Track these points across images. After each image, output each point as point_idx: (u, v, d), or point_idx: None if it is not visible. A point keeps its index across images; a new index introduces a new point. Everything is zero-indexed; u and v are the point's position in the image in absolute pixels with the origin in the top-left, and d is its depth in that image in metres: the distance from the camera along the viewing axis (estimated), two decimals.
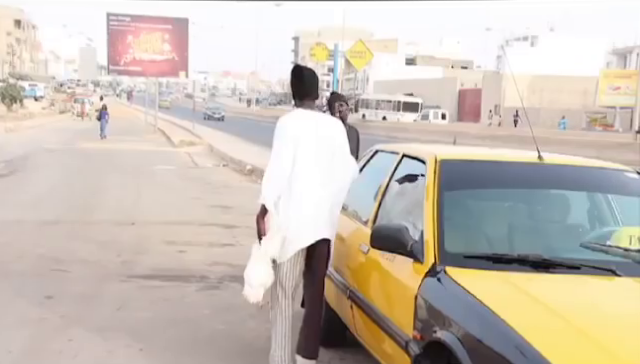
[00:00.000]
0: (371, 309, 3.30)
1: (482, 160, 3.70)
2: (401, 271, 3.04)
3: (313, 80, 3.79)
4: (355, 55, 12.86)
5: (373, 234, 3.09)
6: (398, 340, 2.91)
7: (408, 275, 2.94)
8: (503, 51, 63.51)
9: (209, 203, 10.42)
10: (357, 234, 3.68)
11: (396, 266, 3.10)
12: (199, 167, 16.43)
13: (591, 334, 2.24)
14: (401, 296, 2.96)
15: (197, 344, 4.32)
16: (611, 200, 3.52)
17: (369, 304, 3.35)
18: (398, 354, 2.90)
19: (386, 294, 3.24)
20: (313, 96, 3.77)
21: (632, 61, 56.23)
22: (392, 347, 2.99)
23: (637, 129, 26.86)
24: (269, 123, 46.38)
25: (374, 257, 3.33)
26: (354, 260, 3.61)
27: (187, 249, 7.11)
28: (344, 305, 3.76)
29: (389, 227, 3.10)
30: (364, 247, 3.44)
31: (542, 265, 2.81)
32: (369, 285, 3.46)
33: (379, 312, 3.20)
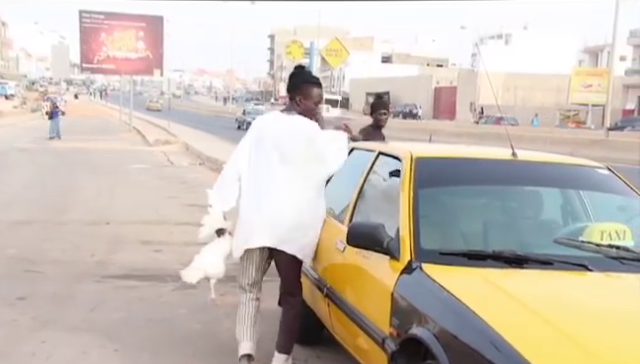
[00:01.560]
0: (348, 307, 3.30)
1: (457, 157, 3.74)
2: (377, 268, 3.04)
3: (296, 80, 3.78)
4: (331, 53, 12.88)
5: (350, 232, 3.09)
6: (375, 337, 2.92)
7: (384, 272, 2.95)
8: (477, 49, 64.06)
9: (185, 202, 10.35)
10: (334, 232, 3.68)
11: (372, 264, 3.11)
12: (175, 166, 16.32)
13: (564, 328, 2.26)
14: (378, 293, 2.96)
15: (173, 344, 4.29)
16: (583, 196, 3.57)
17: (346, 302, 3.35)
18: (375, 351, 2.90)
19: (363, 291, 3.24)
20: (290, 96, 3.77)
21: (603, 59, 57.07)
22: (369, 344, 2.99)
23: (608, 126, 27.26)
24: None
25: (350, 255, 3.33)
26: (331, 258, 3.62)
27: (163, 248, 7.05)
28: (321, 303, 3.76)
29: (366, 225, 3.10)
30: (340, 245, 3.44)
31: (516, 261, 2.83)
32: (346, 283, 3.46)
33: (356, 309, 3.20)
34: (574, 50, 66.83)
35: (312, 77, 3.83)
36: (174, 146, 22.05)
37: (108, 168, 14.89)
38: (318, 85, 3.78)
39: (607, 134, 25.36)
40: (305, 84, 3.73)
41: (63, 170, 14.40)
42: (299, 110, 3.71)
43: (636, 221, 3.30)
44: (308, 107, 3.71)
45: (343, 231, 3.38)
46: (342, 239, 3.34)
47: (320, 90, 3.77)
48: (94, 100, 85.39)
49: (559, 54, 63.07)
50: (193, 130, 30.58)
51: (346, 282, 3.46)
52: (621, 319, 2.44)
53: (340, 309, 3.41)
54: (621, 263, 2.88)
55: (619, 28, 28.88)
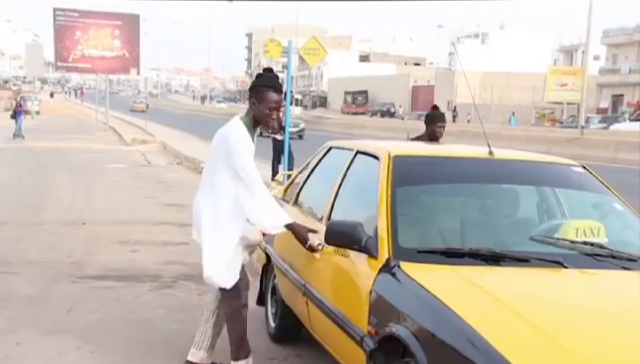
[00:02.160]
0: (326, 305, 3.30)
1: (434, 156, 3.76)
2: (356, 267, 3.04)
3: (255, 82, 3.72)
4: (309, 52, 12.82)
5: (328, 230, 3.09)
6: (353, 335, 2.92)
7: (363, 271, 2.96)
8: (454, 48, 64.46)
9: (163, 202, 10.29)
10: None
11: (350, 262, 3.11)
12: (152, 165, 16.20)
13: (540, 325, 2.29)
14: (356, 292, 2.97)
15: (151, 344, 4.25)
16: (559, 194, 3.61)
17: (324, 300, 3.35)
18: (353, 349, 2.91)
19: (341, 290, 3.24)
20: (248, 98, 3.73)
21: (578, 58, 57.79)
22: (347, 342, 2.99)
23: (582, 124, 27.58)
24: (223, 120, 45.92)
25: (328, 253, 3.33)
26: (309, 256, 3.62)
27: (140, 248, 7.00)
28: (299, 301, 3.76)
29: (344, 223, 3.09)
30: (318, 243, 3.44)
31: (493, 258, 2.85)
32: (324, 281, 3.46)
33: (334, 308, 3.20)
34: (549, 49, 67.61)
35: (271, 81, 3.69)
36: (151, 145, 21.89)
37: (84, 168, 14.73)
38: (275, 90, 3.64)
39: (582, 132, 25.67)
40: (261, 88, 3.63)
41: (38, 170, 14.22)
42: (252, 114, 3.64)
43: (610, 218, 3.35)
44: (261, 112, 3.61)
45: (321, 230, 3.39)
46: (320, 238, 3.34)
47: (277, 95, 3.64)
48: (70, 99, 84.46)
49: (535, 53, 63.74)
50: (171, 129, 30.40)
51: (324, 281, 3.46)
52: (596, 315, 2.47)
53: (318, 308, 3.40)
54: (595, 260, 2.91)
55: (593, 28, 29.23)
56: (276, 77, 3.76)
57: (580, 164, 3.74)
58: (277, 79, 3.75)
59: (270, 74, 3.78)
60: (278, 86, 3.71)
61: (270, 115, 3.64)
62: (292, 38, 15.42)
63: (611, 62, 54.95)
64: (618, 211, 3.42)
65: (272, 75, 3.76)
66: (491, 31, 75.18)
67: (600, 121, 38.52)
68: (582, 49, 45.61)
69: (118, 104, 60.42)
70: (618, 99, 50.85)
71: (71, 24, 31.59)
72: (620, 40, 53.85)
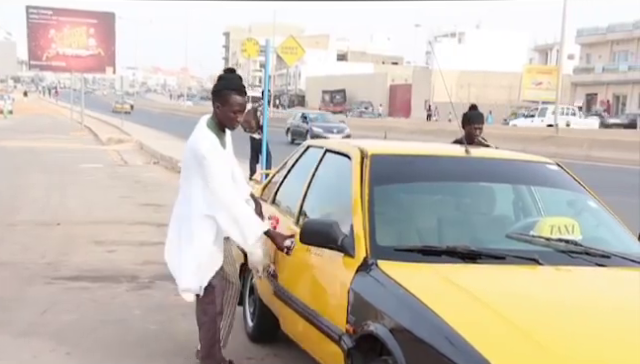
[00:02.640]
0: (302, 305, 3.29)
1: (411, 154, 3.77)
2: (332, 266, 3.04)
3: (217, 85, 3.64)
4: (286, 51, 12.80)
5: (303, 229, 3.08)
6: (331, 335, 2.92)
7: (340, 270, 2.95)
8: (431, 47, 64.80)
9: (139, 201, 10.20)
10: (287, 230, 3.67)
11: (326, 261, 3.10)
12: (128, 165, 16.06)
13: (516, 322, 2.30)
14: (333, 291, 2.97)
15: (127, 345, 4.21)
16: (534, 191, 3.64)
17: (300, 300, 3.34)
18: (331, 348, 2.90)
19: (317, 290, 3.23)
20: (212, 102, 3.67)
21: (552, 57, 58.47)
22: (325, 342, 2.99)
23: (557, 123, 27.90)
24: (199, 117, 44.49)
25: (302, 253, 3.33)
26: (283, 256, 3.60)
27: (117, 249, 6.93)
28: (275, 301, 3.75)
29: (319, 222, 3.09)
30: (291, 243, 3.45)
31: (469, 256, 2.87)
32: (300, 281, 3.46)
33: (311, 308, 3.19)
34: (525, 48, 68.28)
35: (233, 83, 3.59)
36: (128, 145, 21.69)
37: (59, 167, 14.55)
38: (238, 92, 3.55)
39: (557, 130, 25.96)
40: (224, 91, 3.54)
41: (12, 170, 14.02)
42: (218, 118, 3.57)
43: (584, 215, 3.39)
44: (226, 115, 3.54)
45: (293, 229, 3.42)
46: (293, 238, 3.39)
47: (242, 98, 3.56)
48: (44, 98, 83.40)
49: (510, 52, 64.33)
50: (147, 128, 30.16)
51: (300, 281, 3.45)
52: (571, 312, 2.49)
53: (294, 308, 3.39)
54: (570, 257, 2.94)
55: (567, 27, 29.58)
56: (238, 78, 3.66)
57: (555, 162, 3.78)
58: (239, 80, 3.65)
59: (231, 75, 3.67)
60: (241, 88, 3.61)
61: (235, 118, 3.57)
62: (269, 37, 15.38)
63: (585, 61, 55.69)
64: (592, 208, 3.46)
65: (234, 76, 3.65)
66: (468, 30, 75.71)
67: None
68: (557, 48, 46.20)
69: (94, 103, 59.83)
70: (592, 98, 51.56)
71: (45, 22, 31.18)
72: (593, 40, 54.59)
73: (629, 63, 50.24)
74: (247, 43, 14.45)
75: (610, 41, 53.20)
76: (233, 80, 3.61)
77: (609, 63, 52.10)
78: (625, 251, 3.09)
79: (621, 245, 3.16)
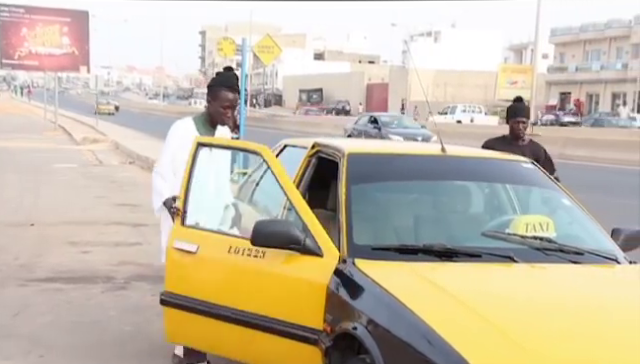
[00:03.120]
0: (255, 316, 3.00)
1: (388, 153, 3.78)
2: (302, 268, 2.91)
3: (212, 81, 3.87)
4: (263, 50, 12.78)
5: (256, 231, 2.88)
6: (305, 336, 2.85)
7: (313, 270, 2.89)
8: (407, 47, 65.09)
9: (115, 201, 10.10)
10: (215, 244, 3.25)
11: (287, 264, 2.93)
12: (104, 165, 15.90)
13: (492, 319, 2.32)
14: (303, 292, 2.88)
15: (102, 347, 4.17)
16: (509, 190, 3.67)
17: (251, 312, 3.02)
18: (306, 352, 2.85)
19: (277, 295, 2.96)
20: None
21: (527, 57, 59.09)
22: (297, 347, 2.88)
23: (532, 121, 28.22)
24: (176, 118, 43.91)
25: (239, 262, 3.05)
26: (209, 271, 3.24)
27: (92, 249, 6.86)
28: (206, 330, 3.25)
29: (275, 222, 2.98)
30: (241, 251, 3.10)
31: (446, 254, 2.89)
32: (245, 293, 3.09)
33: (270, 316, 2.95)
34: (500, 47, 68.92)
35: (226, 80, 3.80)
36: (103, 144, 21.48)
37: (33, 167, 14.35)
38: (229, 88, 3.75)
39: (532, 129, 26.23)
40: (216, 86, 3.77)
41: None
42: (208, 112, 3.82)
43: (558, 213, 3.43)
44: (215, 109, 3.78)
45: (231, 239, 3.17)
46: (235, 247, 3.10)
47: (232, 94, 3.75)
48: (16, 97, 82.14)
49: (486, 51, 64.88)
50: (123, 128, 29.89)
51: (243, 293, 3.10)
52: (546, 309, 2.52)
53: (242, 323, 3.04)
54: (545, 254, 2.97)
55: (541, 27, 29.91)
56: (234, 76, 3.83)
57: (530, 161, 3.81)
58: (234, 78, 3.82)
59: (227, 73, 3.87)
60: (232, 85, 3.77)
61: (225, 113, 3.78)
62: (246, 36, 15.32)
63: (559, 60, 56.43)
64: (566, 206, 3.50)
65: (229, 74, 3.85)
66: (443, 29, 76.19)
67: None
68: (531, 48, 46.66)
69: (68, 103, 59.10)
70: (566, 96, 52.24)
71: (17, 20, 30.69)
72: (567, 39, 55.31)
73: (601, 62, 51.01)
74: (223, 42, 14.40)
75: (583, 41, 53.95)
76: (227, 77, 3.82)
77: (582, 62, 52.83)
78: (598, 248, 3.13)
79: (594, 242, 3.20)
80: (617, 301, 2.67)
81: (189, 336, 3.38)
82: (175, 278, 3.36)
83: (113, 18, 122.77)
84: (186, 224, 3.40)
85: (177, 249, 3.33)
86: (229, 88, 3.75)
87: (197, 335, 3.32)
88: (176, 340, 3.49)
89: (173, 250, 3.35)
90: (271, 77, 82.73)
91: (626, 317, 2.48)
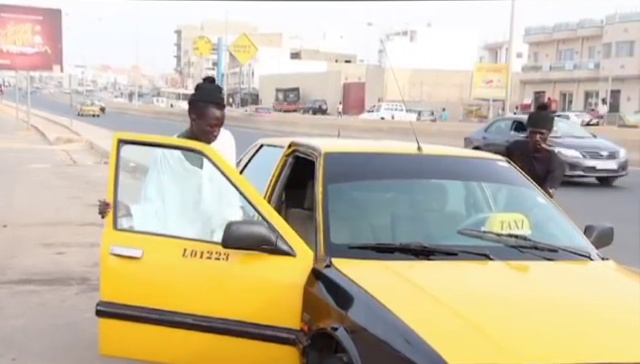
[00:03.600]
0: (224, 323, 2.89)
1: (365, 152, 3.79)
2: (274, 269, 2.88)
3: (194, 96, 3.46)
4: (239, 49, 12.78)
5: (228, 233, 2.81)
6: (282, 337, 2.83)
7: (287, 271, 2.87)
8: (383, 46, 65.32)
9: (89, 202, 9.96)
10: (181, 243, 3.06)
11: (258, 265, 2.89)
12: (78, 165, 15.72)
13: (468, 317, 2.33)
14: (281, 293, 2.85)
15: (78, 350, 4.12)
16: (485, 188, 3.70)
17: (220, 319, 2.91)
18: (282, 353, 2.84)
19: (254, 299, 2.88)
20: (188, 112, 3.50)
21: (502, 56, 59.64)
22: (272, 349, 2.86)
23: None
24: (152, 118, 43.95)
25: (209, 264, 2.93)
26: (177, 276, 3.04)
27: (66, 250, 6.78)
28: (157, 339, 3.06)
29: (250, 223, 2.92)
30: (199, 254, 2.98)
31: (423, 253, 2.90)
32: (215, 299, 2.95)
33: (239, 320, 2.87)
34: (475, 47, 69.50)
35: (211, 95, 3.39)
36: (77, 144, 21.23)
37: (5, 168, 14.14)
38: (217, 105, 3.35)
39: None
40: (201, 103, 3.35)
41: None
42: (193, 130, 3.39)
43: (533, 211, 3.46)
44: (201, 128, 3.36)
45: (184, 242, 3.01)
46: (191, 250, 2.97)
47: (220, 111, 3.35)
48: None
49: (461, 50, 65.40)
50: (98, 128, 29.59)
51: (204, 297, 2.95)
52: (521, 306, 2.54)
53: (212, 332, 2.92)
54: (520, 252, 3.00)
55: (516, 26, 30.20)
56: (218, 89, 3.49)
57: (505, 159, 3.85)
58: (219, 91, 3.47)
59: (210, 86, 3.48)
60: (219, 101, 3.40)
61: (212, 131, 3.37)
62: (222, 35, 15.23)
63: (533, 60, 57.04)
64: (540, 204, 3.54)
65: (212, 87, 3.47)
66: (419, 29, 76.57)
67: None
68: (506, 47, 47.09)
69: (41, 102, 58.34)
70: (540, 95, 52.81)
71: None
72: (541, 38, 55.94)
73: (574, 62, 51.68)
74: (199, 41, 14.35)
75: (556, 40, 54.62)
76: (211, 92, 3.42)
77: (556, 62, 53.47)
78: (571, 245, 3.18)
79: (567, 239, 3.25)
80: (591, 297, 2.71)
81: (133, 347, 3.09)
82: (115, 286, 3.07)
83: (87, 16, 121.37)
84: (119, 228, 3.15)
85: (115, 255, 3.06)
86: (216, 105, 3.36)
87: (144, 345, 3.06)
88: (114, 353, 3.19)
89: (110, 257, 3.07)
90: (247, 76, 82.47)
91: (600, 313, 2.52)
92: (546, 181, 4.34)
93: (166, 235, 3.14)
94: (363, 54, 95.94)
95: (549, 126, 4.50)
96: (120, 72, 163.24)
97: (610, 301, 2.69)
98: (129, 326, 3.04)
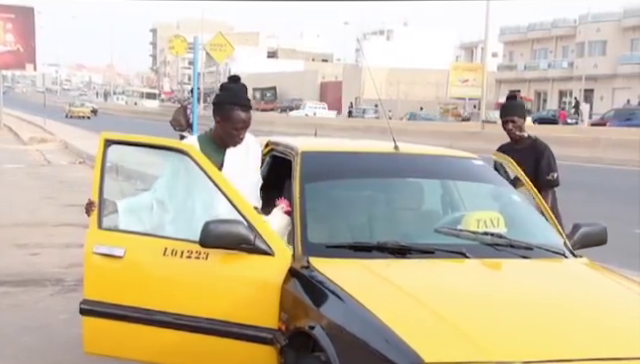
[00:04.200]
0: (202, 323, 2.90)
1: (342, 151, 3.80)
2: (253, 268, 2.88)
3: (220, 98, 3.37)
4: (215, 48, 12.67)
5: (205, 232, 2.80)
6: (260, 337, 2.83)
7: (265, 270, 2.86)
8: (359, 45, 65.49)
9: (64, 202, 9.88)
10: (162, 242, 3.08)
11: (236, 265, 2.89)
12: (52, 165, 15.54)
13: (444, 315, 2.35)
14: (259, 293, 2.85)
15: (53, 351, 4.07)
16: (461, 186, 3.73)
17: (199, 318, 2.91)
18: (260, 352, 2.84)
19: (233, 298, 2.89)
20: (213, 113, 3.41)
21: (477, 55, 60.13)
22: (250, 349, 2.85)
23: (483, 119, 28.71)
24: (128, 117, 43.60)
25: (188, 264, 2.94)
26: (157, 275, 3.06)
27: (40, 251, 6.70)
28: (138, 338, 3.07)
29: (227, 222, 2.89)
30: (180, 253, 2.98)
31: (400, 251, 2.91)
32: (194, 298, 2.95)
33: (217, 319, 2.87)
34: (451, 46, 69.94)
35: (236, 97, 3.30)
36: (51, 144, 20.99)
37: None
38: (243, 108, 3.28)
39: (483, 126, 26.71)
40: (226, 105, 3.28)
41: None
42: (217, 132, 3.34)
43: (508, 209, 3.49)
44: (226, 131, 3.30)
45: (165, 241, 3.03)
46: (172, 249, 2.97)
47: (246, 114, 3.28)
48: None
49: (438, 50, 65.75)
50: (72, 127, 29.26)
51: (184, 297, 2.96)
52: (498, 304, 2.57)
53: (190, 330, 2.93)
54: (495, 249, 3.03)
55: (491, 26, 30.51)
56: (243, 89, 3.37)
57: (480, 157, 3.88)
58: (244, 92, 3.37)
59: (235, 86, 3.36)
60: (246, 103, 3.32)
61: (238, 135, 3.31)
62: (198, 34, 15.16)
63: (508, 59, 57.58)
64: (515, 202, 3.57)
65: (238, 88, 3.36)
66: (396, 28, 76.86)
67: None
68: (481, 46, 47.48)
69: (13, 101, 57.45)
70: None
71: None
72: (515, 38, 56.49)
73: (548, 61, 52.27)
74: (175, 40, 14.22)
75: (531, 40, 55.20)
76: (237, 93, 3.34)
77: (530, 61, 54.03)
78: (546, 243, 3.21)
79: (542, 237, 3.28)
80: (565, 294, 2.74)
81: (115, 345, 3.12)
82: (97, 285, 3.09)
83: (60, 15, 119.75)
84: (103, 227, 3.15)
85: (98, 254, 3.07)
86: (243, 107, 3.28)
87: (126, 344, 3.07)
88: (98, 351, 3.21)
89: (93, 255, 3.09)
90: (224, 75, 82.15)
91: (573, 310, 2.55)
92: (541, 171, 4.26)
93: (149, 234, 3.16)
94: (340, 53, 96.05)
95: (519, 113, 4.47)
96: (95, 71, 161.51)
97: (583, 298, 2.72)
98: (111, 324, 3.06)
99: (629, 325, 2.44)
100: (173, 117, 11.85)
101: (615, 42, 46.53)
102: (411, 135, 20.99)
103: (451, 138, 22.87)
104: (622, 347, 2.27)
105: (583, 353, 2.21)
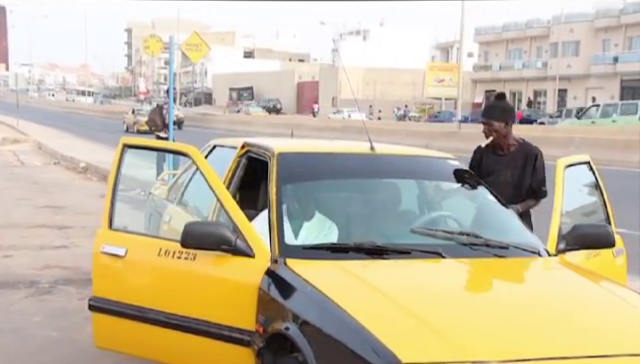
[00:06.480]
0: (187, 322, 2.96)
1: (318, 152, 3.80)
2: (233, 269, 2.89)
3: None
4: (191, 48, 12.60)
5: (187, 233, 2.85)
6: (238, 338, 2.83)
7: (244, 271, 2.87)
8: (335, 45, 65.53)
9: (38, 203, 9.75)
10: (158, 243, 3.22)
11: (218, 266, 2.91)
12: (26, 166, 15.32)
13: (421, 314, 2.37)
14: (235, 293, 2.86)
15: (27, 355, 4.02)
16: (437, 186, 3.75)
17: (184, 318, 2.98)
18: (237, 353, 2.84)
19: (209, 297, 2.94)
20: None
21: (453, 55, 60.52)
22: (229, 349, 2.86)
23: (460, 118, 28.89)
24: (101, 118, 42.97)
25: (178, 264, 3.01)
26: (151, 274, 3.19)
27: (14, 253, 6.60)
28: (137, 334, 3.19)
29: (207, 224, 2.97)
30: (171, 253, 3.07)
31: (376, 252, 2.92)
32: (182, 298, 3.03)
33: (201, 319, 2.92)
34: (427, 46, 70.31)
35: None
36: (25, 145, 20.69)
37: None
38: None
39: (459, 126, 26.89)
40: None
41: None
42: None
43: (483, 208, 3.53)
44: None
45: (160, 242, 3.16)
46: (165, 250, 3.06)
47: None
48: None
49: (413, 50, 66.04)
50: (46, 128, 28.88)
51: (173, 296, 3.05)
52: (473, 303, 2.60)
53: (173, 328, 3.01)
54: (471, 249, 3.05)
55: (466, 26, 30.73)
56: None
57: (456, 157, 3.90)
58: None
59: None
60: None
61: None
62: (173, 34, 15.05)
63: (483, 59, 58.00)
64: (490, 202, 3.60)
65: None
66: (372, 28, 77.06)
67: None
68: (457, 46, 47.80)
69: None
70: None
71: None
72: (490, 38, 56.91)
73: (523, 61, 52.77)
74: (150, 40, 14.09)
75: (505, 40, 55.64)
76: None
77: (505, 61, 54.49)
78: (520, 242, 3.24)
79: (517, 236, 3.31)
80: (540, 293, 2.78)
81: (119, 341, 3.31)
82: (103, 283, 3.31)
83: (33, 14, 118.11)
84: (113, 228, 3.34)
85: (105, 253, 3.26)
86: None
87: (128, 340, 3.26)
88: (105, 345, 3.42)
89: (101, 254, 3.29)
90: (200, 75, 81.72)
91: (548, 308, 2.58)
92: (535, 177, 3.97)
93: (150, 235, 3.38)
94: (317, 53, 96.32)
95: (497, 115, 3.96)
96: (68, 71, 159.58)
97: (557, 296, 2.75)
98: (114, 320, 3.22)
99: (602, 322, 2.48)
100: (149, 118, 11.77)
101: (588, 42, 47.12)
102: (387, 135, 21.09)
103: (427, 138, 23.02)
104: (596, 345, 2.30)
105: (558, 351, 2.24)
